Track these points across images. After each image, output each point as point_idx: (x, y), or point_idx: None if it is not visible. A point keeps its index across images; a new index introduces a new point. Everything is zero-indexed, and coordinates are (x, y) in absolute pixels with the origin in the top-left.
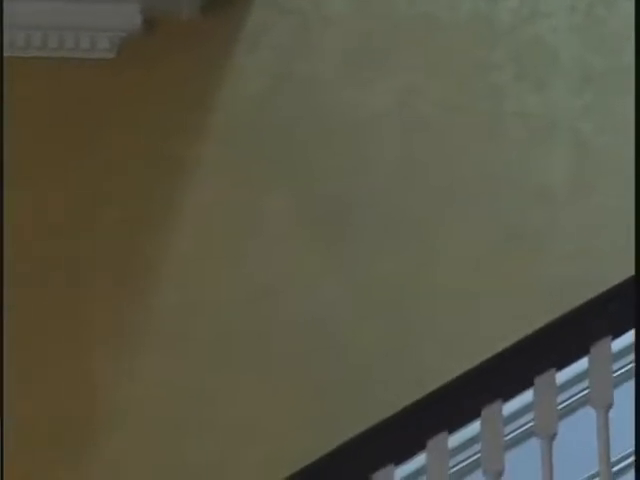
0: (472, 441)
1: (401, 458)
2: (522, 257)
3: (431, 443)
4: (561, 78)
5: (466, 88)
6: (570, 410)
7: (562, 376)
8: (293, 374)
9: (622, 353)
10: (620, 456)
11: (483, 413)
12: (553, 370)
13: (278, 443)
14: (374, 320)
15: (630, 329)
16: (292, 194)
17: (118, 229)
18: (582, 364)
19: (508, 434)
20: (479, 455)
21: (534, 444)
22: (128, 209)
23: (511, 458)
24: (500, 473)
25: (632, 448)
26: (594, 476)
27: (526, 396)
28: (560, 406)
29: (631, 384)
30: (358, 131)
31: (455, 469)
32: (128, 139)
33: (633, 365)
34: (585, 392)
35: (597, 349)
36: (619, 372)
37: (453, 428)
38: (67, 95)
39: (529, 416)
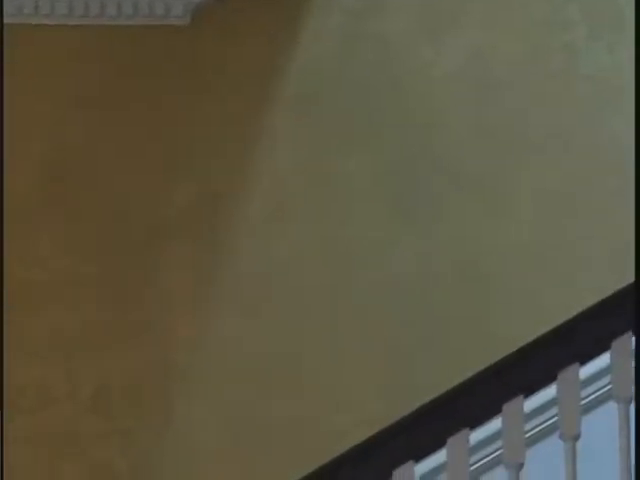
0: (492, 438)
1: (421, 455)
2: (594, 214)
3: (452, 439)
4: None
5: (538, 47)
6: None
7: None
8: (371, 335)
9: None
10: None
11: (504, 408)
12: (576, 365)
13: (360, 406)
14: (451, 281)
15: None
16: (367, 156)
17: (196, 197)
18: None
19: (530, 430)
20: (499, 452)
21: (556, 440)
22: (205, 178)
23: (534, 453)
24: (521, 466)
25: None
26: None
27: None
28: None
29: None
30: (431, 90)
31: (475, 466)
32: (202, 107)
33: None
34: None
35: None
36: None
37: (474, 425)
38: (142, 63)
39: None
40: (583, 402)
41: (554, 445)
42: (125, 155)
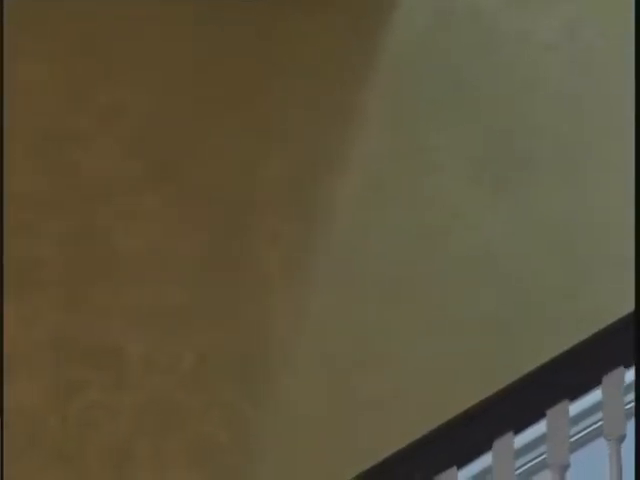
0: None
1: (465, 460)
2: None
3: (497, 444)
4: None
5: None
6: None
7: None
8: (464, 311)
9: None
10: None
11: (548, 413)
12: (622, 367)
13: (448, 380)
14: (545, 257)
15: None
16: (459, 131)
17: (284, 173)
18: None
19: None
20: (543, 457)
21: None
22: (292, 154)
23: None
24: (566, 468)
25: None
26: None
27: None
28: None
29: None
30: (524, 62)
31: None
32: (291, 85)
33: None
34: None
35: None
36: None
37: (519, 428)
38: (226, 39)
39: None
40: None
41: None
42: (219, 131)
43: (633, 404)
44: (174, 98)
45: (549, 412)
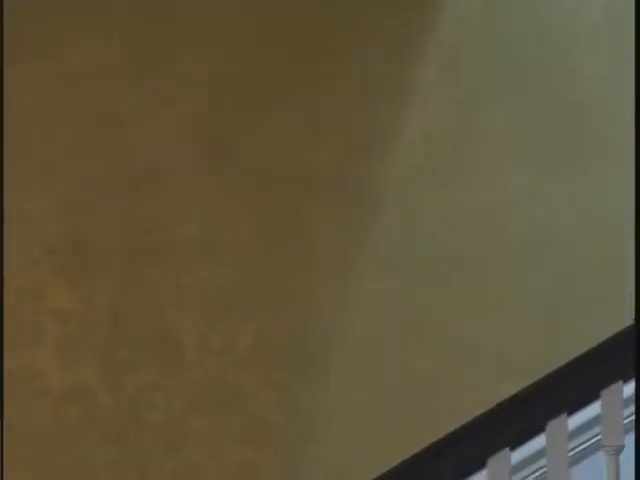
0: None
1: (517, 442)
2: None
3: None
4: None
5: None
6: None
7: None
8: (521, 290)
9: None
10: None
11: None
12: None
13: (501, 360)
14: (599, 239)
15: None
16: (512, 109)
17: (334, 157)
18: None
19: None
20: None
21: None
22: (352, 135)
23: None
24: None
25: None
26: None
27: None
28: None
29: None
30: (575, 41)
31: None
32: (343, 67)
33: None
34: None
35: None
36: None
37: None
38: (278, 24)
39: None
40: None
41: None
42: (271, 115)
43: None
44: (227, 83)
45: (548, 426)
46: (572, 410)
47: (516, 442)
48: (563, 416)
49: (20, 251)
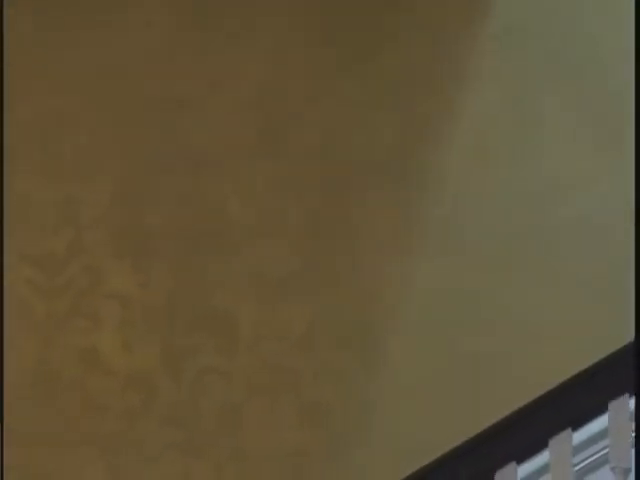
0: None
1: (523, 456)
2: None
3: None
4: None
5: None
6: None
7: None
8: (567, 273)
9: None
10: None
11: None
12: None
13: (561, 341)
14: None
15: None
16: (572, 92)
17: (395, 140)
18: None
19: None
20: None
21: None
22: (411, 115)
23: None
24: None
25: None
26: None
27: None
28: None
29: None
30: (630, 23)
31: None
32: (408, 45)
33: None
34: None
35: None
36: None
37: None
38: (338, 7)
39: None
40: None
41: None
42: (330, 98)
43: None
44: (285, 65)
45: (551, 442)
46: (576, 425)
47: (521, 456)
48: (567, 431)
49: (81, 235)
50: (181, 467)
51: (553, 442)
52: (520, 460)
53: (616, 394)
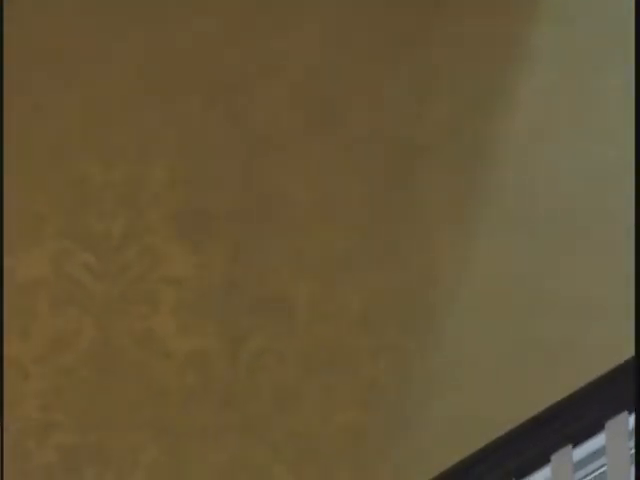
0: None
1: (578, 439)
2: None
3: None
4: None
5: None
6: None
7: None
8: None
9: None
10: None
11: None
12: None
13: (622, 326)
14: None
15: None
16: (626, 74)
17: (448, 118)
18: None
19: None
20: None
21: None
22: (457, 100)
23: None
24: None
25: None
26: None
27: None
28: None
29: None
30: None
31: None
32: (456, 29)
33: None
34: None
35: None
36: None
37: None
38: None
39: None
40: None
41: None
42: (382, 78)
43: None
44: (338, 47)
45: (553, 457)
46: (577, 441)
47: (520, 474)
48: (568, 447)
49: (138, 217)
50: (238, 448)
51: (555, 457)
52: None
53: (615, 411)
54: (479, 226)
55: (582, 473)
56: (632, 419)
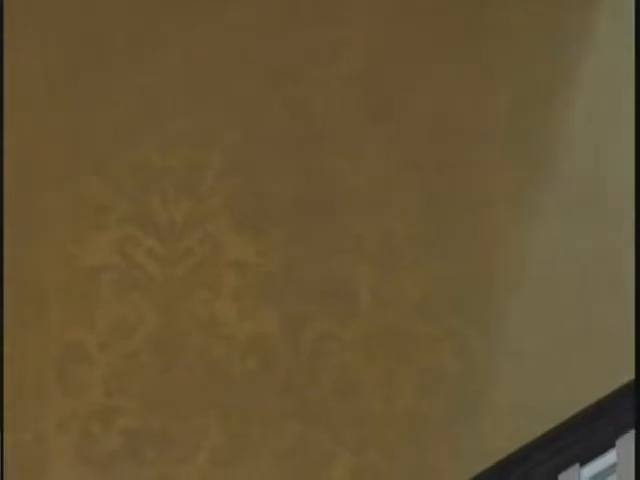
0: None
1: (587, 458)
2: None
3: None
4: None
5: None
6: None
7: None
8: None
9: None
10: None
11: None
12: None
13: None
14: None
15: None
16: None
17: (508, 107)
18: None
19: None
20: None
21: None
22: (516, 88)
23: None
24: None
25: None
26: None
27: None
28: None
29: None
30: None
31: None
32: (515, 10)
33: None
34: None
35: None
36: None
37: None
38: None
39: None
40: None
41: None
42: (441, 67)
43: None
44: (395, 34)
45: (560, 477)
46: (585, 461)
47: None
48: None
49: (199, 203)
50: (299, 433)
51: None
52: None
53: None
54: (539, 212)
55: None
56: None
